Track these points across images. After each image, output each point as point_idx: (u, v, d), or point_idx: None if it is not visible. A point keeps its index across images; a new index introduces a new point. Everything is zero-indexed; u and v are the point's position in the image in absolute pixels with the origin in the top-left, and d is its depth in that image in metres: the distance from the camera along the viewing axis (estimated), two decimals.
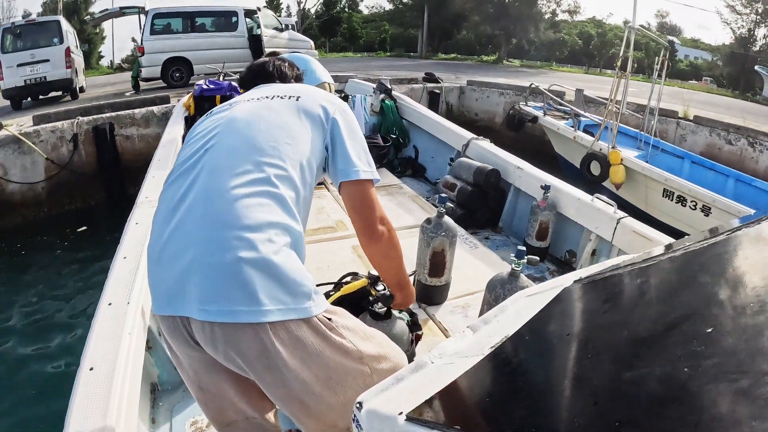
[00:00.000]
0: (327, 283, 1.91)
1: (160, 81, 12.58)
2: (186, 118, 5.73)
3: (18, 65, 10.81)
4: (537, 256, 2.08)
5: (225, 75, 7.45)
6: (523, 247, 2.06)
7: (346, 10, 45.74)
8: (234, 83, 6.16)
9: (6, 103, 11.08)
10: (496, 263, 3.37)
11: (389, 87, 6.64)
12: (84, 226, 7.08)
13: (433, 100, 11.24)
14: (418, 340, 1.89)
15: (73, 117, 7.56)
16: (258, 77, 1.74)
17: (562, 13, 37.84)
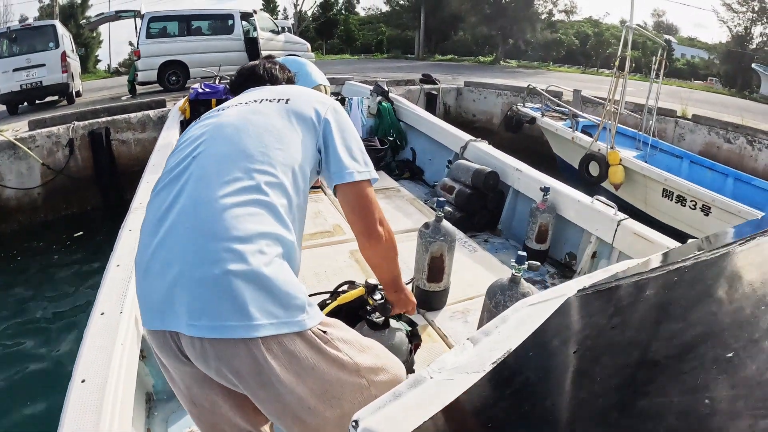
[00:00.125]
0: (323, 292, 1.86)
1: (156, 85, 12.53)
2: (181, 122, 5.69)
3: (14, 70, 10.76)
4: (537, 261, 2.04)
5: (221, 78, 7.41)
6: (523, 252, 2.02)
7: (343, 12, 45.81)
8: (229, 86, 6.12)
9: (2, 108, 11.03)
10: (495, 267, 3.33)
11: (386, 89, 6.62)
12: (80, 232, 7.04)
13: (430, 102, 11.22)
14: (417, 348, 1.85)
15: (68, 122, 7.51)
16: (248, 81, 1.70)
17: (558, 13, 37.85)
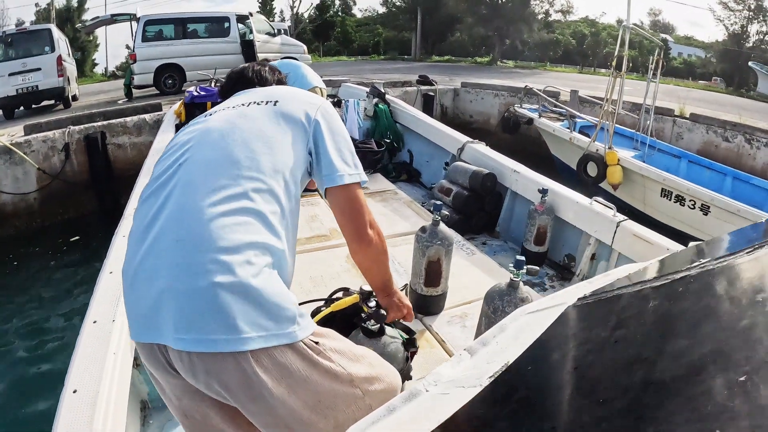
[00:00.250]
0: (317, 299, 1.83)
1: (153, 88, 12.51)
2: (177, 126, 5.66)
3: (9, 74, 10.72)
4: (536, 266, 2.01)
5: (216, 81, 7.37)
6: (521, 257, 2.00)
7: (340, 14, 45.82)
8: None
9: None
10: (493, 270, 3.30)
11: (383, 91, 6.59)
12: (77, 236, 7.00)
13: (427, 103, 11.19)
14: (413, 356, 1.81)
15: (64, 126, 7.47)
16: (237, 84, 1.66)
17: (555, 13, 37.78)
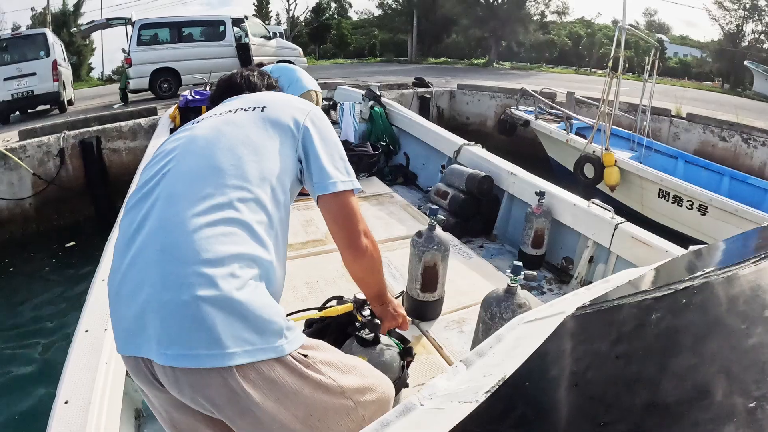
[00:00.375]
0: (310, 308, 1.80)
1: (148, 92, 12.49)
2: (171, 130, 5.65)
3: (4, 79, 10.70)
4: (533, 272, 1.98)
5: (211, 85, 7.35)
6: (519, 262, 1.97)
7: (336, 16, 45.79)
8: None
9: None
10: (491, 274, 3.27)
11: (378, 93, 6.57)
12: (72, 242, 6.97)
13: (423, 105, 11.19)
14: (409, 365, 1.78)
15: (59, 131, 7.43)
16: (226, 92, 1.62)
17: (550, 14, 37.83)
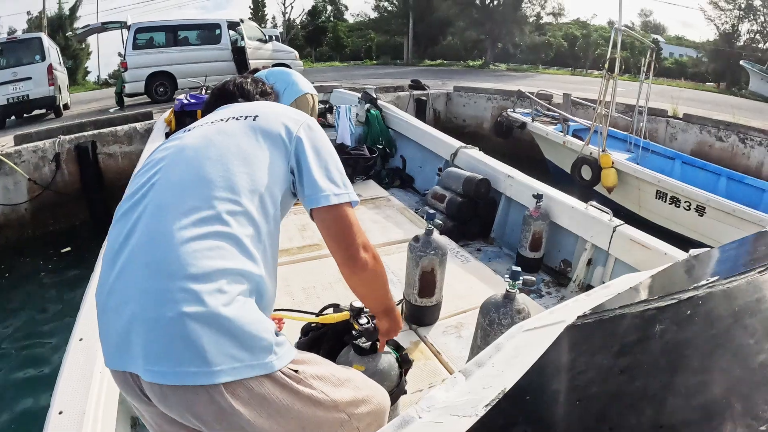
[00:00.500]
0: (306, 312, 1.78)
1: (144, 96, 12.47)
2: (167, 134, 5.63)
3: (0, 84, 10.65)
4: (532, 277, 1.96)
5: (207, 88, 7.33)
6: (517, 268, 1.95)
7: (332, 19, 45.79)
8: None
9: None
10: (489, 278, 3.25)
11: (374, 96, 6.56)
12: (68, 247, 6.92)
13: (420, 108, 11.18)
14: (407, 372, 1.76)
15: (54, 136, 7.40)
16: (219, 100, 1.59)
17: (546, 15, 37.90)
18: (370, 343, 1.58)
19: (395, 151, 6.22)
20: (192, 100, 5.88)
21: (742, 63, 22.48)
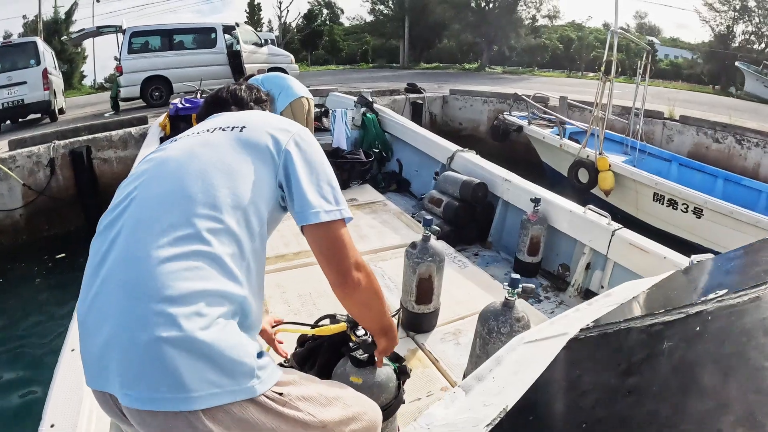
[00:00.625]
0: (302, 323, 1.74)
1: (140, 100, 12.44)
2: (161, 138, 5.59)
3: None
4: (531, 284, 1.93)
5: (202, 92, 7.29)
6: (516, 275, 1.92)
7: (327, 23, 45.83)
8: None
9: None
10: (487, 283, 3.22)
11: (370, 100, 6.54)
12: (63, 253, 6.87)
13: (416, 111, 11.16)
14: (404, 383, 1.72)
15: (49, 141, 7.35)
16: (211, 107, 1.53)
17: (542, 18, 37.89)
18: (368, 355, 1.54)
19: (391, 154, 6.19)
20: (187, 105, 5.85)
21: (737, 64, 22.58)
